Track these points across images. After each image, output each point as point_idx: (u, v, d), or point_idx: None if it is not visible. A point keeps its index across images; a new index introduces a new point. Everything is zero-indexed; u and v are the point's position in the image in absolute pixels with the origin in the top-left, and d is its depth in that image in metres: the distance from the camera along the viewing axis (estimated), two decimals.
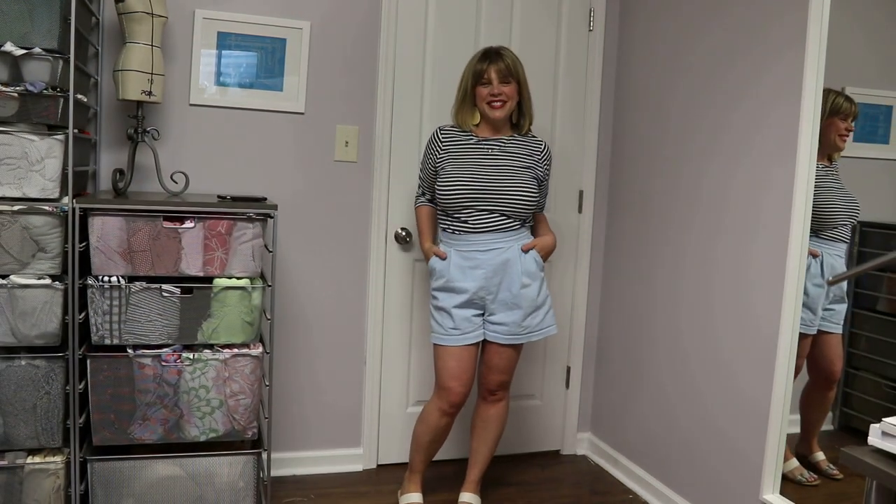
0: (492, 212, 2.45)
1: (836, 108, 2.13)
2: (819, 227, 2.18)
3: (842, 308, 2.21)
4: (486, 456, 2.66)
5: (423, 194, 2.68)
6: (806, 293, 2.21)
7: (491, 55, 2.47)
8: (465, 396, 2.53)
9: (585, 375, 3.33)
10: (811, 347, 2.25)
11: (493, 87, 2.45)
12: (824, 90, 2.13)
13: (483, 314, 2.52)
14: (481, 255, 2.45)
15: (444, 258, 2.50)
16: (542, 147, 2.56)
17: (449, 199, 2.46)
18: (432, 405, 2.56)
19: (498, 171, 2.46)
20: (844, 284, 2.19)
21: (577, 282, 3.26)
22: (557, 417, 3.33)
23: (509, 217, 2.47)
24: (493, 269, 2.45)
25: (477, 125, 2.54)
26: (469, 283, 2.46)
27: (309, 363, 2.96)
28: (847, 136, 2.14)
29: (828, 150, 2.17)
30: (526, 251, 2.48)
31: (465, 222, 2.47)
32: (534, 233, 2.63)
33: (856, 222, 2.16)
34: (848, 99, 2.13)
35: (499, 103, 2.46)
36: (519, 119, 2.56)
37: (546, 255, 2.57)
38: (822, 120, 2.14)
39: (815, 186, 2.16)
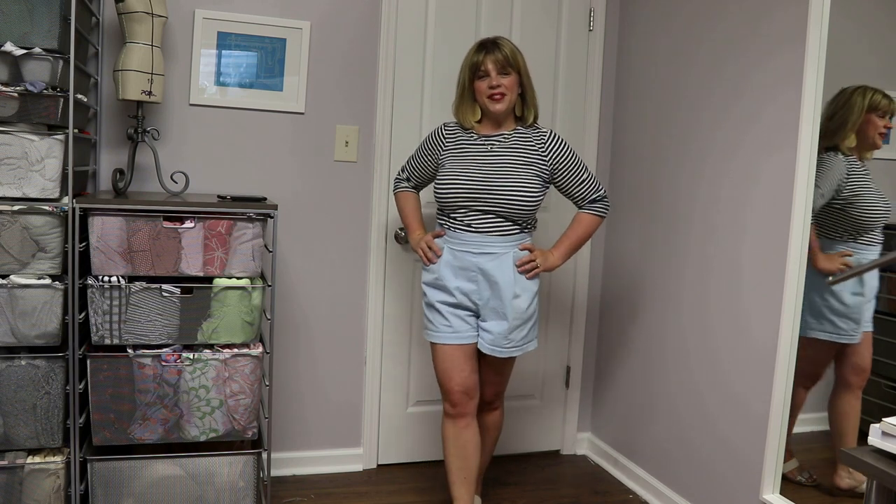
0: (486, 212, 2.32)
1: (873, 105, 2.06)
2: (858, 230, 2.10)
3: (871, 305, 2.15)
4: (484, 460, 2.62)
5: (408, 179, 2.55)
6: (844, 303, 2.15)
7: (487, 46, 2.32)
8: (468, 395, 2.37)
9: (585, 375, 3.33)
10: (851, 353, 2.18)
11: (492, 80, 2.30)
12: (861, 87, 2.08)
13: (478, 317, 2.39)
14: (472, 258, 2.33)
15: (439, 255, 2.37)
16: (545, 137, 2.37)
17: (445, 199, 2.35)
18: (443, 417, 2.43)
19: (495, 170, 2.32)
20: (874, 279, 2.11)
21: (578, 282, 3.26)
22: (557, 417, 3.33)
23: (505, 219, 2.32)
24: (482, 273, 2.32)
25: (479, 122, 2.40)
26: (457, 284, 2.34)
27: (309, 363, 2.96)
28: (885, 133, 2.08)
29: (866, 148, 2.10)
30: (519, 266, 2.33)
31: (461, 221, 2.35)
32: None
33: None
34: (886, 96, 2.06)
35: (499, 96, 2.30)
36: (523, 111, 2.40)
37: (557, 266, 2.39)
38: (858, 117, 2.09)
39: (857, 187, 2.10)
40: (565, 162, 2.38)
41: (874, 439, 1.41)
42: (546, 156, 2.36)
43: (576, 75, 3.15)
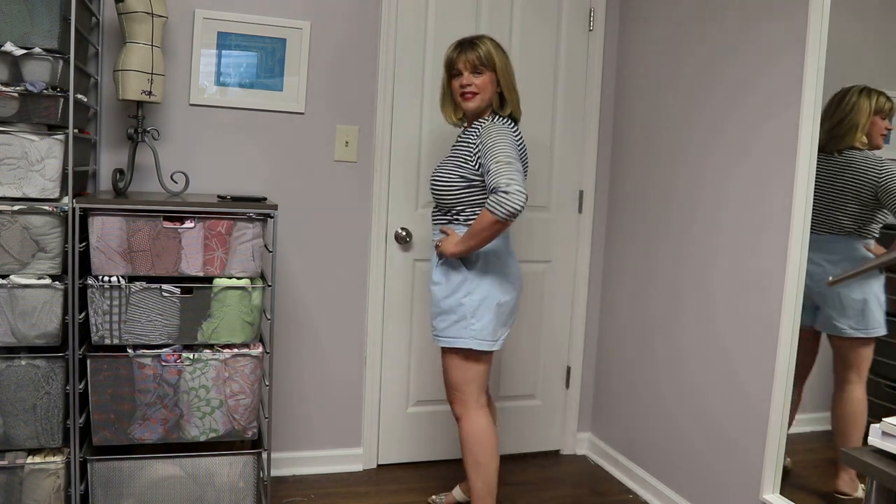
0: (433, 201, 2.46)
1: (879, 108, 2.10)
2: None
3: None
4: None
5: None
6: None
7: (464, 45, 2.34)
8: None
9: (585, 375, 3.33)
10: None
11: (463, 79, 2.32)
12: (864, 89, 2.10)
13: None
14: None
15: None
16: (478, 131, 2.31)
17: None
18: None
19: (439, 164, 2.43)
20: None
21: (577, 282, 3.26)
22: (557, 417, 3.33)
23: (437, 207, 2.43)
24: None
25: (462, 118, 2.44)
26: None
27: (309, 363, 2.96)
28: (886, 134, 2.12)
29: (870, 148, 2.12)
30: (439, 256, 2.39)
31: None
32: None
33: None
34: (889, 98, 2.09)
35: (469, 95, 2.32)
36: (502, 109, 2.38)
37: (451, 253, 2.30)
38: (867, 119, 2.11)
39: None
40: (483, 148, 2.25)
41: (874, 439, 1.41)
42: (476, 146, 2.28)
43: (576, 75, 3.15)
